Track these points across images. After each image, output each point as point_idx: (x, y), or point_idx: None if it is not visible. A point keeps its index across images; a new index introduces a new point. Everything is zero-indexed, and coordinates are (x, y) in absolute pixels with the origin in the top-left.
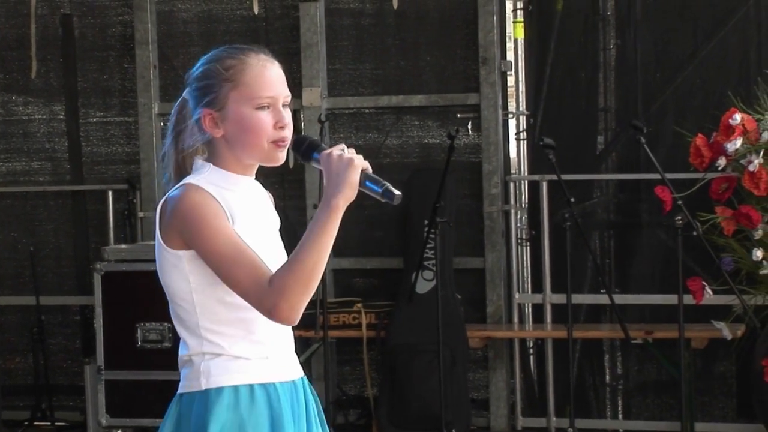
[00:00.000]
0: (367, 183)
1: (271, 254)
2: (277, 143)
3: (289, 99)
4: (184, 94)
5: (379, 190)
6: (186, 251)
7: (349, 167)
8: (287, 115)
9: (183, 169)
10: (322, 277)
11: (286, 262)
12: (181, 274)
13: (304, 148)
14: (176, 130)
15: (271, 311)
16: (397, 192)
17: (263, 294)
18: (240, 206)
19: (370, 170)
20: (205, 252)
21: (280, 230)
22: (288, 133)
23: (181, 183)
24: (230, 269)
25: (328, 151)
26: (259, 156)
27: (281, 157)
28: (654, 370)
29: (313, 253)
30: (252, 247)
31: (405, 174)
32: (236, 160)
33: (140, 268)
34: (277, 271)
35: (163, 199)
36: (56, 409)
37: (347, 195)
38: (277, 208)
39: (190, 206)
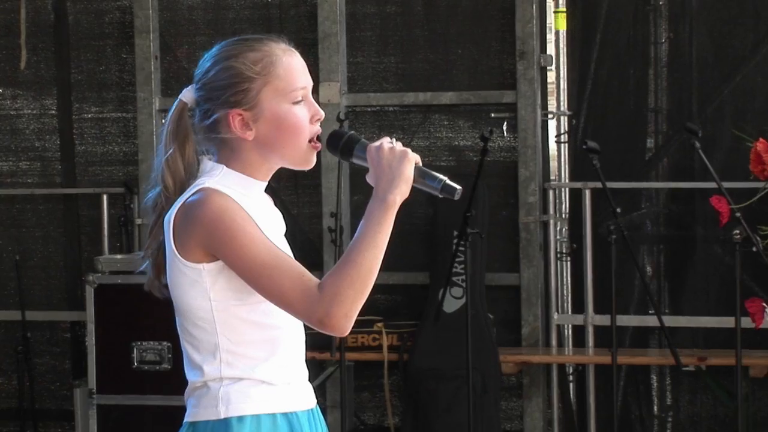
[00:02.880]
0: (425, 178)
1: None
2: (313, 143)
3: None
4: (183, 96)
5: (438, 186)
6: (208, 264)
7: (404, 160)
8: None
9: (190, 178)
10: None
11: (337, 265)
12: (202, 291)
13: (343, 143)
14: (178, 139)
15: (323, 320)
16: (458, 186)
17: (313, 302)
18: (256, 212)
19: (421, 163)
20: (240, 261)
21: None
22: (320, 128)
23: (195, 187)
24: (272, 278)
25: (378, 143)
26: (295, 157)
27: (314, 159)
28: (707, 401)
29: (368, 254)
30: None
31: None
32: (263, 163)
33: (137, 280)
34: (327, 276)
35: (176, 207)
36: None
37: (403, 190)
38: (291, 215)
39: (217, 212)
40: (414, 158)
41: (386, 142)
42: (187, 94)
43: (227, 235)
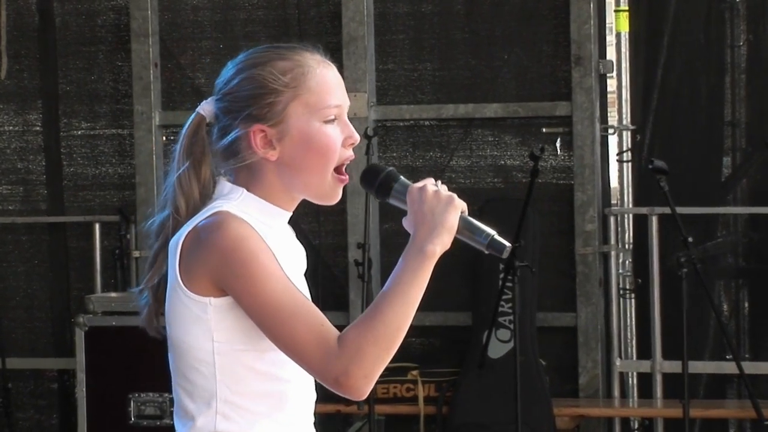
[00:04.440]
0: (471, 230)
1: None
2: (339, 176)
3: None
4: (201, 109)
5: (484, 241)
6: (216, 299)
7: (449, 207)
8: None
9: (205, 201)
10: None
11: (361, 317)
12: (205, 329)
13: (380, 180)
14: (193, 156)
15: (339, 379)
16: (507, 243)
17: (330, 357)
18: (277, 246)
19: (467, 212)
20: (252, 300)
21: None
22: (352, 153)
23: (210, 210)
24: (286, 323)
25: (421, 184)
26: (319, 186)
27: (339, 194)
28: None
29: (398, 308)
30: None
31: (475, 204)
32: (284, 190)
33: (134, 322)
34: (349, 329)
35: (186, 229)
36: None
37: (445, 240)
38: (312, 246)
39: (234, 240)
40: (460, 206)
41: (430, 184)
42: (206, 107)
43: (242, 268)
